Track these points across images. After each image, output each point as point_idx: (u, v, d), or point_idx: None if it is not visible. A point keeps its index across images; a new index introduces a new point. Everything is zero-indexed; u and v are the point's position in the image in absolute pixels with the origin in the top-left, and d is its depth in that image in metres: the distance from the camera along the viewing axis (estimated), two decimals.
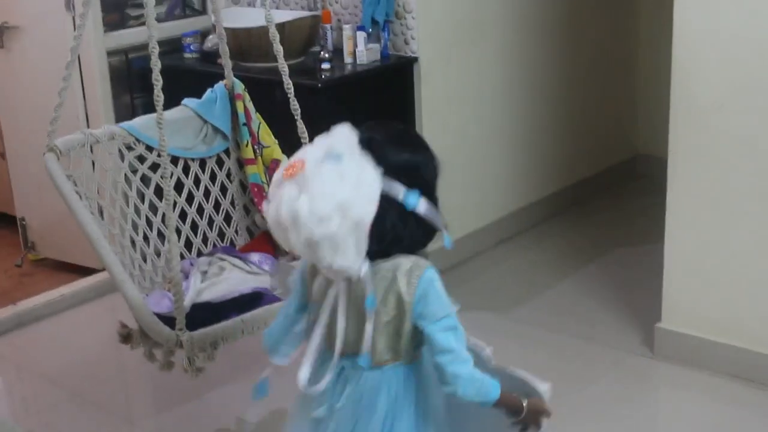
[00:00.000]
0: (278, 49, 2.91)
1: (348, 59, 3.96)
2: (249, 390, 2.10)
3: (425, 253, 2.04)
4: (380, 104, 3.99)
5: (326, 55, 3.91)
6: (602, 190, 5.05)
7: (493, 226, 4.57)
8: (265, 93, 3.48)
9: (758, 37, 3.04)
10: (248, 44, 3.90)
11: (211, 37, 4.24)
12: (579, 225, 4.72)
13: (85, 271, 4.19)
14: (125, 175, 2.97)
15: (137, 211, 2.98)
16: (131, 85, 4.22)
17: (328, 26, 4.07)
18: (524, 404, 2.07)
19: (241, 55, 3.89)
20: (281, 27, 3.51)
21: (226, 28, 3.23)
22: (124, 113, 4.09)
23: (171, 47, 4.24)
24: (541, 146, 4.66)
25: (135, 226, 2.96)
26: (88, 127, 3.91)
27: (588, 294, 3.97)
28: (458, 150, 4.33)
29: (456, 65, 4.23)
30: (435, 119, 4.16)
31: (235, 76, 3.34)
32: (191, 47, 4.21)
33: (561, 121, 4.84)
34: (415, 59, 4.02)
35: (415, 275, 1.95)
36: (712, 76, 3.16)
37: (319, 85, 3.77)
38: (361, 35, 3.93)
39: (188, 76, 4.06)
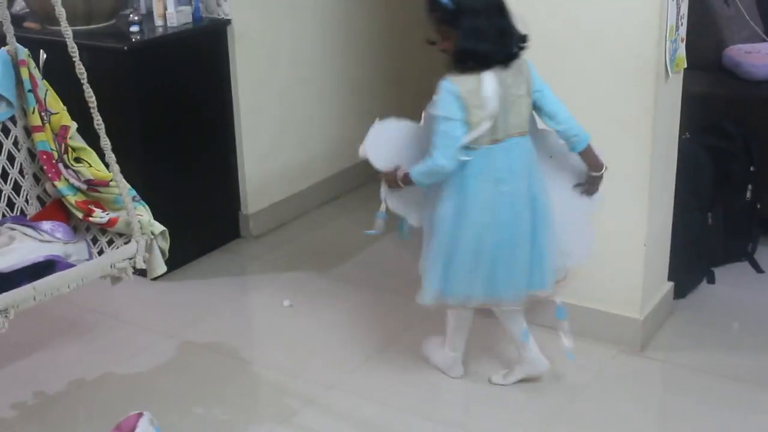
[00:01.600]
0: (60, 11, 2.85)
1: (158, 22, 3.90)
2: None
3: None
4: (193, 68, 3.96)
5: (135, 18, 3.84)
6: None
7: (318, 186, 4.60)
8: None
9: None
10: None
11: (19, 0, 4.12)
12: None
13: None
14: None
15: None
16: None
17: None
18: (605, 166, 2.88)
19: (48, 18, 3.78)
20: None
21: None
22: None
23: None
24: (365, 106, 4.70)
25: None
26: None
27: (407, 251, 4.04)
28: (280, 113, 4.34)
29: (272, 27, 4.22)
30: (253, 82, 4.15)
31: (45, 40, 3.24)
32: None
33: (384, 81, 4.90)
34: (229, 21, 4.00)
35: (526, 66, 2.77)
36: None
37: (125, 48, 3.71)
38: None
39: None
